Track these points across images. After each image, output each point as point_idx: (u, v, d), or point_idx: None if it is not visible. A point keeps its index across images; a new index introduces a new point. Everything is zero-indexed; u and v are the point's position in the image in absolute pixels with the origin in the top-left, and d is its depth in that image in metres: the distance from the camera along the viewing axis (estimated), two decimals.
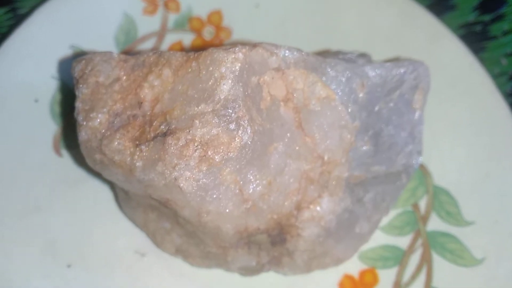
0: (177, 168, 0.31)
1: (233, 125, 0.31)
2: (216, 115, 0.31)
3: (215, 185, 0.32)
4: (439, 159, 0.46)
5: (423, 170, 0.46)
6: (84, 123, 0.34)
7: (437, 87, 0.48)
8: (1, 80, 0.45)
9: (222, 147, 0.31)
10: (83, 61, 0.35)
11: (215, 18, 0.52)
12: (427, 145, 0.45)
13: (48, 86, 0.47)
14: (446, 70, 0.48)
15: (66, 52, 0.47)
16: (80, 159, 0.45)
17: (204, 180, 0.31)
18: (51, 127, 0.46)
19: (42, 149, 0.45)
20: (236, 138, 0.31)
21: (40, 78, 0.47)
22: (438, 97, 0.48)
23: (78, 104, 0.34)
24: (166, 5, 0.51)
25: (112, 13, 0.50)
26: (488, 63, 0.54)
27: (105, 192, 0.45)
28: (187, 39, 0.51)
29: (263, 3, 0.52)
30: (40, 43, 0.47)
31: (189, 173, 0.31)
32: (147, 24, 0.50)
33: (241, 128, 0.31)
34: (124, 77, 0.34)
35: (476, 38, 0.57)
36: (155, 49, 0.50)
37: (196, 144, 0.31)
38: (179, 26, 0.51)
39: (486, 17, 0.57)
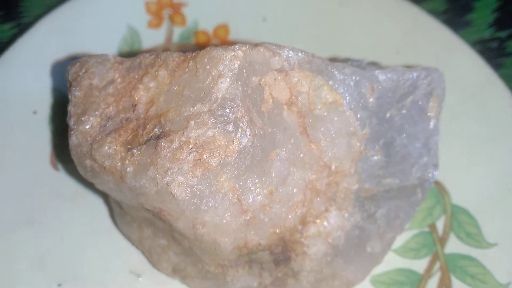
0: (169, 173, 0.29)
1: (231, 127, 0.29)
2: (213, 115, 0.29)
3: (210, 192, 0.29)
4: (456, 176, 0.44)
5: (440, 188, 0.43)
6: (75, 127, 0.32)
7: (452, 101, 0.46)
8: (0, 90, 0.44)
9: (218, 151, 0.29)
10: (78, 64, 0.33)
11: (222, 32, 0.51)
12: (444, 162, 0.42)
13: (47, 98, 0.46)
14: (462, 82, 0.46)
15: (68, 63, 0.46)
16: (77, 174, 0.44)
17: (198, 186, 0.29)
18: (49, 140, 0.45)
19: (39, 162, 0.44)
20: (234, 141, 0.29)
21: (40, 90, 0.46)
22: (454, 111, 0.46)
23: (70, 108, 0.33)
24: (171, 19, 0.51)
25: (116, 25, 0.49)
26: (506, 80, 0.52)
27: (101, 209, 0.43)
28: None
29: (270, 16, 0.51)
30: (42, 53, 0.46)
31: (182, 178, 0.29)
32: (152, 37, 0.49)
33: (239, 130, 0.29)
34: (119, 79, 0.32)
35: (493, 55, 0.55)
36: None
37: (190, 146, 0.28)
38: (185, 39, 0.50)
39: (503, 34, 0.56)
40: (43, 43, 0.46)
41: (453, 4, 0.58)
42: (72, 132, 0.32)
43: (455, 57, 0.47)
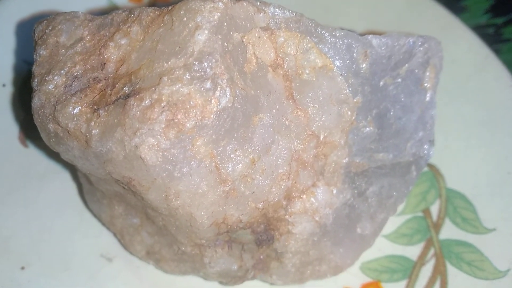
0: (138, 134, 0.26)
1: (209, 84, 0.26)
2: (188, 70, 0.26)
3: (185, 158, 0.27)
4: (452, 159, 0.42)
5: (434, 172, 0.41)
6: (38, 88, 0.29)
7: (449, 82, 0.44)
8: None
9: (194, 111, 0.26)
10: (45, 22, 0.31)
11: None
12: (439, 145, 0.40)
13: (19, 71, 0.43)
14: (459, 63, 0.44)
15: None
16: (47, 151, 0.41)
17: (171, 150, 0.26)
18: (19, 115, 0.42)
19: (6, 138, 0.41)
20: (212, 100, 0.26)
21: (11, 62, 0.43)
22: (451, 92, 0.44)
23: (34, 69, 0.30)
24: None
25: None
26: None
27: (71, 188, 0.40)
28: None
29: None
30: (13, 26, 0.43)
31: (153, 140, 0.26)
32: None
33: (218, 88, 0.26)
34: (88, 37, 0.29)
35: (489, 41, 0.54)
36: None
37: (162, 105, 0.26)
38: None
39: (499, 20, 0.56)
40: (16, 16, 0.44)
41: None
42: (34, 94, 0.29)
43: (451, 37, 0.45)
